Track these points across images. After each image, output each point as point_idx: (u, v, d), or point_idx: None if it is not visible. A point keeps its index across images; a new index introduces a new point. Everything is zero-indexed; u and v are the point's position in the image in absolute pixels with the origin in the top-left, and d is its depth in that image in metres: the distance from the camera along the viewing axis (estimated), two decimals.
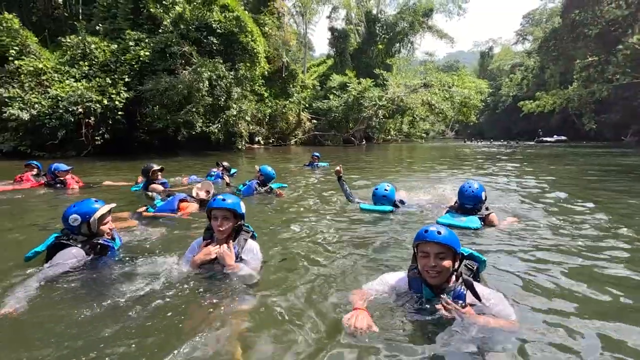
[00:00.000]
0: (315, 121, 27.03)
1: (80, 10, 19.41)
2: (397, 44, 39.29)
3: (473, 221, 3.78)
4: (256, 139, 22.50)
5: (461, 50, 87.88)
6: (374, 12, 38.67)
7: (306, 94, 24.52)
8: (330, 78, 28.42)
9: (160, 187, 5.88)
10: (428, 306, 1.91)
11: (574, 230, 3.77)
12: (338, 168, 5.09)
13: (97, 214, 2.56)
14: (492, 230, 3.75)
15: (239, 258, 2.43)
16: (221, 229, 2.38)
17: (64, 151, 12.51)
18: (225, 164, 7.81)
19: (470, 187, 3.91)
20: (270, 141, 23.88)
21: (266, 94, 21.20)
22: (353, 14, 37.66)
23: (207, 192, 4.69)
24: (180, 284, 2.31)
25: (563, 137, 33.31)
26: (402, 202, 4.70)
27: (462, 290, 1.87)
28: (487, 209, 3.96)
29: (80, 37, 12.98)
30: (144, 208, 4.36)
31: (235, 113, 14.10)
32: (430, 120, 41.05)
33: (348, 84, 26.20)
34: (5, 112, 11.20)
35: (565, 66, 35.10)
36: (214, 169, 7.64)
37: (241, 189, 5.86)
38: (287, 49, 20.97)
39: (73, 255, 2.47)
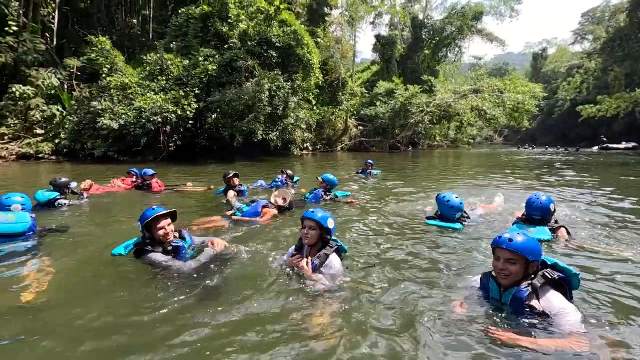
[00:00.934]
0: (361, 127, 27.48)
1: (151, 29, 21.61)
2: (444, 49, 38.69)
3: (543, 232, 3.69)
4: (304, 145, 23.37)
5: (511, 52, 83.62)
6: (420, 17, 38.42)
7: (355, 102, 25.05)
8: (377, 85, 28.70)
9: (232, 194, 6.37)
10: (493, 306, 2.16)
11: None
12: None
13: (150, 218, 2.88)
14: (569, 249, 3.58)
15: (317, 272, 2.66)
16: (308, 236, 2.71)
17: (144, 156, 14.09)
18: (289, 172, 8.09)
19: (538, 198, 3.90)
20: (318, 147, 24.63)
21: (314, 102, 22.04)
22: (397, 19, 37.67)
23: (284, 199, 5.13)
24: (268, 283, 2.68)
25: (633, 144, 30.30)
26: (465, 213, 4.55)
27: (525, 291, 2.01)
28: (556, 222, 3.87)
29: (158, 55, 14.55)
30: (233, 212, 4.93)
31: (292, 121, 15.01)
32: (478, 126, 39.75)
33: (395, 91, 26.36)
34: (99, 122, 12.91)
35: (632, 67, 32.45)
36: (279, 176, 7.96)
37: (308, 197, 6.17)
38: (341, 61, 21.65)
39: (161, 257, 2.84)
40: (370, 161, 10.40)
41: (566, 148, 33.64)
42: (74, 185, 5.93)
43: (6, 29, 13.75)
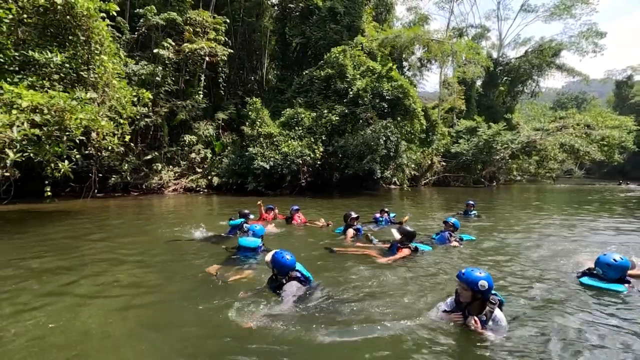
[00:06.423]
0: (443, 163, 29.11)
1: (264, 84, 26.19)
2: (520, 85, 39.26)
3: None
4: (393, 179, 25.59)
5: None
6: (494, 55, 39.79)
7: (446, 141, 27.11)
8: (457, 123, 30.51)
9: (351, 232, 7.13)
10: None
11: None
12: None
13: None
14: None
15: (486, 328, 2.98)
16: (462, 295, 3.11)
17: (282, 190, 17.48)
18: (386, 209, 8.95)
19: None
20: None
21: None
22: (464, 56, 39.18)
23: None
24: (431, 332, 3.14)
25: None
26: (628, 280, 4.14)
27: None
28: None
29: (294, 110, 18.26)
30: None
31: (405, 161, 17.54)
32: (560, 159, 38.69)
33: (478, 129, 27.89)
34: (254, 164, 16.58)
35: None
36: (379, 215, 8.76)
37: (435, 237, 6.70)
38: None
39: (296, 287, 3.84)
40: (472, 202, 10.40)
41: None
42: (252, 216, 7.77)
43: (195, 97, 18.57)
